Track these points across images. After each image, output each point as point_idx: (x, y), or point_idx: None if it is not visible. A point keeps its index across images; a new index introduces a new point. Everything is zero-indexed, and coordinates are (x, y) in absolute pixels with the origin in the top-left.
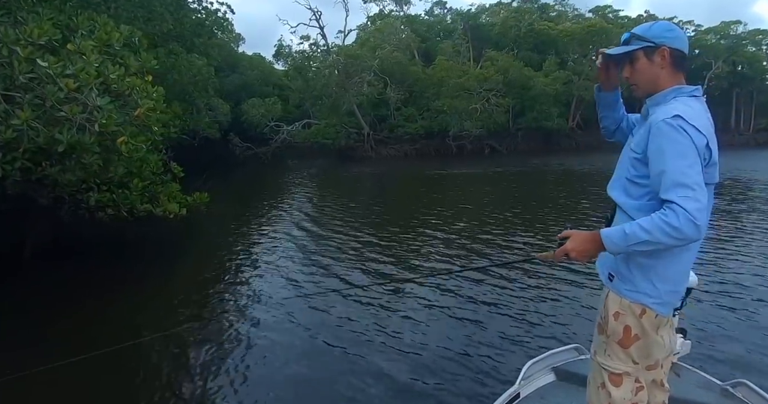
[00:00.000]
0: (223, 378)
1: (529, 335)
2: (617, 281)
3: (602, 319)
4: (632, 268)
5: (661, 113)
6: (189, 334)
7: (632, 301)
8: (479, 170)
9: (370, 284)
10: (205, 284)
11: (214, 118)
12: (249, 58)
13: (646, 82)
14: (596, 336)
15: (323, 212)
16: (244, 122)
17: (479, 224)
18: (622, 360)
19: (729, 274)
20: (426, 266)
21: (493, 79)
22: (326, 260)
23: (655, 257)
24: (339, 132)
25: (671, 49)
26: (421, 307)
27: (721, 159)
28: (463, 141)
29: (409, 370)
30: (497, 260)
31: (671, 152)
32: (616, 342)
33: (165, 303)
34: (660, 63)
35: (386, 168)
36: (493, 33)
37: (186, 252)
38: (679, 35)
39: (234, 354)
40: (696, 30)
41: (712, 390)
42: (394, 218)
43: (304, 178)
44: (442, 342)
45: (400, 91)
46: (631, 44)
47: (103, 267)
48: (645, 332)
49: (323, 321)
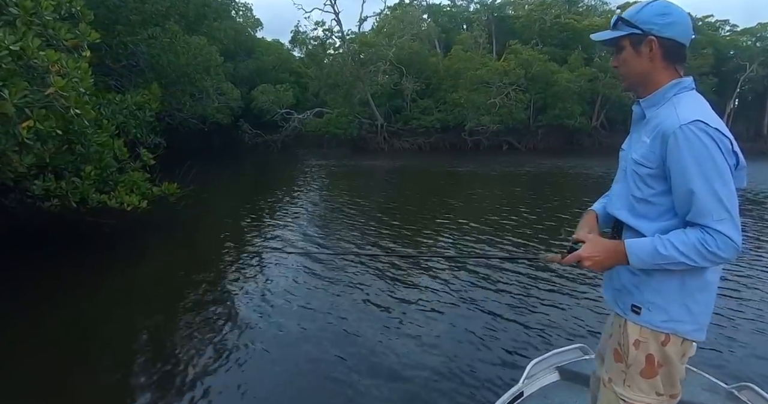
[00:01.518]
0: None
1: (533, 334)
2: (647, 313)
3: (620, 346)
4: (667, 296)
5: (670, 116)
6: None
7: (666, 331)
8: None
9: (365, 283)
10: (172, 282)
11: (225, 103)
12: (266, 43)
13: (633, 75)
14: (611, 361)
15: (321, 206)
16: (254, 109)
17: (491, 233)
18: (645, 391)
19: (736, 276)
20: (425, 267)
21: (514, 72)
22: (314, 261)
23: (686, 279)
24: (351, 122)
25: (660, 39)
26: (424, 305)
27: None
28: (479, 137)
29: (411, 367)
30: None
31: (700, 169)
32: (638, 372)
33: (119, 301)
34: (648, 55)
35: (399, 163)
36: (517, 25)
37: (153, 246)
38: (674, 21)
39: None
40: (731, 30)
41: (717, 392)
42: (401, 223)
43: (310, 169)
44: (446, 339)
45: (416, 83)
46: (617, 30)
47: (60, 263)
48: (669, 360)
49: (316, 316)
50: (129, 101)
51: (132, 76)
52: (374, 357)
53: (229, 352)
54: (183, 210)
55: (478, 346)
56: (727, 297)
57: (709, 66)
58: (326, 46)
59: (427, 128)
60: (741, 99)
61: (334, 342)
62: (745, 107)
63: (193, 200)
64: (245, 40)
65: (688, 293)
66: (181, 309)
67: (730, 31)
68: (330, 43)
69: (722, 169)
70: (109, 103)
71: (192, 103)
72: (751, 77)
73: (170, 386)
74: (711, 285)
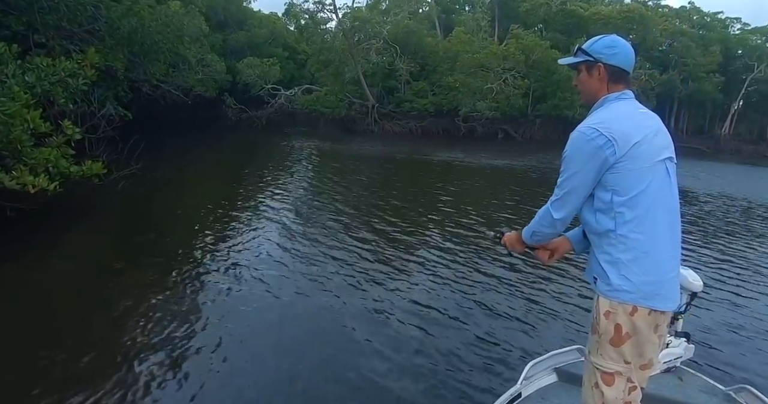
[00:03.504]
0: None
1: (531, 335)
2: (599, 282)
3: (594, 319)
4: (604, 266)
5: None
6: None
7: (613, 299)
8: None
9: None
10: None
11: (209, 76)
12: (259, 15)
13: (587, 93)
14: (590, 335)
15: (285, 195)
16: (239, 83)
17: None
18: (614, 359)
19: (734, 278)
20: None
21: (513, 58)
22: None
23: (619, 250)
24: (341, 101)
25: (606, 66)
26: (420, 305)
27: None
28: (473, 123)
29: (408, 369)
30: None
31: (567, 160)
32: (608, 341)
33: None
34: (597, 77)
35: (389, 148)
36: (522, 10)
37: (66, 235)
38: (619, 52)
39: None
40: (742, 28)
41: (715, 394)
42: (385, 222)
43: (285, 151)
44: (443, 339)
45: (411, 63)
46: (577, 56)
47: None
48: (638, 330)
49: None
50: (59, 66)
51: (94, 41)
52: (368, 358)
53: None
54: (125, 190)
55: (475, 347)
56: (725, 300)
57: (716, 64)
58: (317, 19)
59: (419, 111)
60: (746, 100)
61: (327, 343)
62: (750, 109)
63: (138, 181)
64: (236, 11)
65: (619, 262)
66: (90, 308)
67: (740, 29)
68: (322, 17)
69: (575, 160)
70: (36, 68)
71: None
72: (758, 78)
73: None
74: (648, 257)
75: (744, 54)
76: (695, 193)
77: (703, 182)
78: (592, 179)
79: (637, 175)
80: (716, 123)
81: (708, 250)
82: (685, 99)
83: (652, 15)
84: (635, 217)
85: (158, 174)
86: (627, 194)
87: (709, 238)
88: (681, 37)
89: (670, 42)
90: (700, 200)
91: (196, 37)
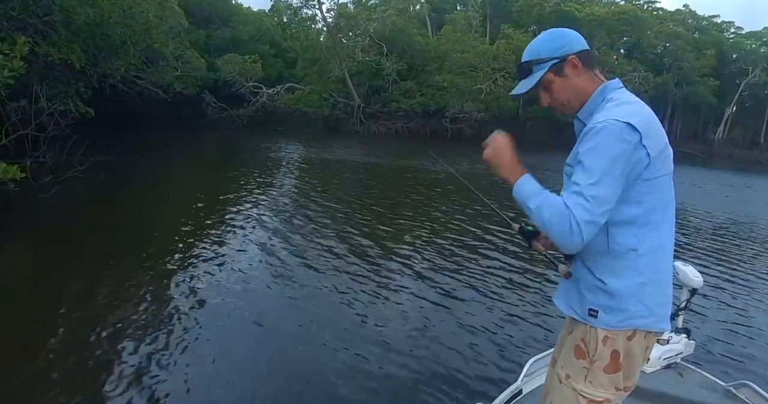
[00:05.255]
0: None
1: (532, 331)
2: (604, 315)
3: (584, 343)
4: (619, 297)
5: (599, 118)
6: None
7: (626, 328)
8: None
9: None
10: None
11: (189, 73)
12: (245, 11)
13: (571, 98)
14: (572, 359)
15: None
16: (219, 80)
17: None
18: (605, 387)
19: (735, 274)
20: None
21: (504, 57)
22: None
23: (639, 272)
24: (325, 101)
25: (576, 54)
26: (421, 302)
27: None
28: (461, 124)
29: (410, 366)
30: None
31: (594, 157)
32: (602, 368)
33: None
34: (574, 72)
35: (374, 149)
36: (515, 10)
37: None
38: (572, 36)
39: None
40: (736, 33)
41: (715, 390)
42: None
43: (267, 151)
44: (445, 336)
45: (398, 62)
46: (535, 72)
47: None
48: (632, 354)
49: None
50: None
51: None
52: (370, 355)
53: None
54: (57, 197)
55: (476, 344)
56: (726, 297)
57: (710, 67)
58: (300, 15)
59: (407, 111)
60: (740, 105)
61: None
62: (744, 114)
63: (77, 185)
64: (222, 7)
65: (639, 289)
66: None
67: (735, 33)
68: (306, 14)
69: (612, 160)
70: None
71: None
72: (752, 82)
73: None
74: (660, 277)
75: (739, 58)
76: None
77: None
78: (621, 187)
79: (662, 184)
80: (710, 127)
81: (707, 245)
82: (679, 102)
83: (647, 17)
84: (654, 232)
85: (102, 177)
86: (650, 206)
87: (707, 235)
88: (676, 40)
89: (664, 45)
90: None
91: (176, 33)
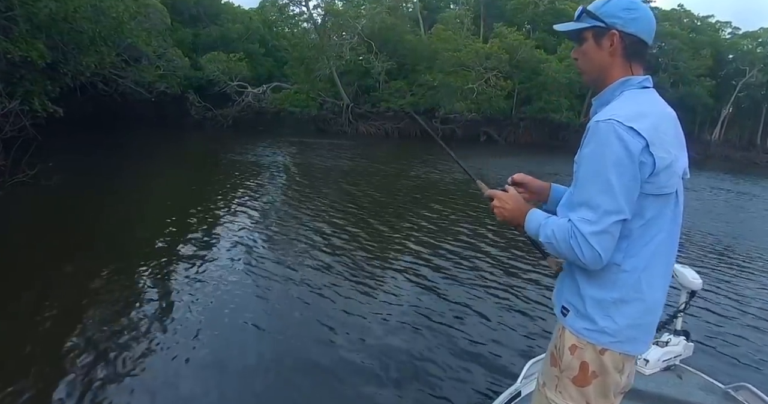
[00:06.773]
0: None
1: (531, 333)
2: (573, 316)
3: (556, 349)
4: (589, 303)
5: (603, 114)
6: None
7: (585, 339)
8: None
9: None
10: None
11: (171, 71)
12: (234, 9)
13: (592, 69)
14: (547, 364)
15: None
16: (203, 79)
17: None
18: (575, 399)
19: (733, 276)
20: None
21: (496, 56)
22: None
23: (617, 287)
24: (312, 100)
25: (623, 34)
26: (420, 304)
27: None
28: (452, 125)
29: (408, 368)
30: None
31: (594, 163)
32: (570, 378)
33: None
34: (609, 49)
35: (363, 151)
36: (508, 8)
37: None
38: (639, 16)
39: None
40: (733, 33)
41: (714, 392)
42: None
43: (246, 154)
44: (443, 339)
45: (388, 61)
46: (581, 21)
47: None
48: (605, 370)
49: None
50: None
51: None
52: (367, 357)
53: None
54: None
55: (475, 345)
56: (725, 299)
57: (706, 68)
58: (286, 12)
59: (396, 111)
60: (736, 106)
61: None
62: (740, 114)
63: (25, 191)
64: (210, 5)
65: (611, 305)
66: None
67: (731, 33)
68: (293, 11)
69: (613, 170)
70: None
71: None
72: (749, 83)
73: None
74: (640, 297)
75: (735, 59)
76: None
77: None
78: (631, 191)
79: (663, 202)
80: (706, 128)
81: (707, 246)
82: (674, 103)
83: None
84: (644, 250)
85: (53, 183)
86: (645, 222)
87: (707, 235)
88: (671, 39)
89: (660, 44)
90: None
91: (159, 31)
